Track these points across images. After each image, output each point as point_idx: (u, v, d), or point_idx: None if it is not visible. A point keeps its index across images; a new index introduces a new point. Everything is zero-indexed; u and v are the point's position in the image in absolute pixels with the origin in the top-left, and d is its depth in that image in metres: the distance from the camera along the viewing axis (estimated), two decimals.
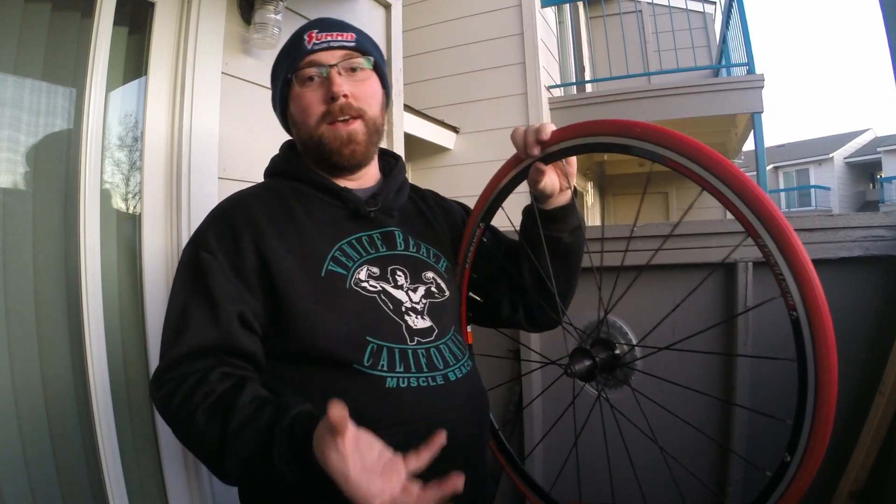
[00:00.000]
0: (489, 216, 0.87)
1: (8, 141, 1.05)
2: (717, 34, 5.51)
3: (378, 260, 0.79)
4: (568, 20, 5.03)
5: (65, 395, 1.09)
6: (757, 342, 1.42)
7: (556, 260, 0.85)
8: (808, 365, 0.55)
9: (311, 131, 0.81)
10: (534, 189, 0.80)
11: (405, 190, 0.92)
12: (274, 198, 0.82)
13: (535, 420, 1.61)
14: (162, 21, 1.27)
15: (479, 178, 3.81)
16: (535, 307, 0.91)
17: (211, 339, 0.70)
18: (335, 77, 0.79)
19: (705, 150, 0.59)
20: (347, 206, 0.81)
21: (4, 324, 1.02)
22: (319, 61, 0.80)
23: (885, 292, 1.35)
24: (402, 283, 0.79)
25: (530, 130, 0.77)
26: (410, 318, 0.76)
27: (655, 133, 0.62)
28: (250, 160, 1.42)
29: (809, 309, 0.54)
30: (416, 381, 0.73)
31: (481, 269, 0.92)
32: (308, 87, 0.80)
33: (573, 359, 0.76)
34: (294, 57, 0.82)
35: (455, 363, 0.78)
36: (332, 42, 0.81)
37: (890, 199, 16.22)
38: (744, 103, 3.52)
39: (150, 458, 1.22)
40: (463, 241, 0.90)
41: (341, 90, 0.78)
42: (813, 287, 0.53)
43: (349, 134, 0.80)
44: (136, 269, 1.23)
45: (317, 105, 0.80)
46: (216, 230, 0.76)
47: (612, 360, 0.77)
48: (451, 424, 0.72)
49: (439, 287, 0.83)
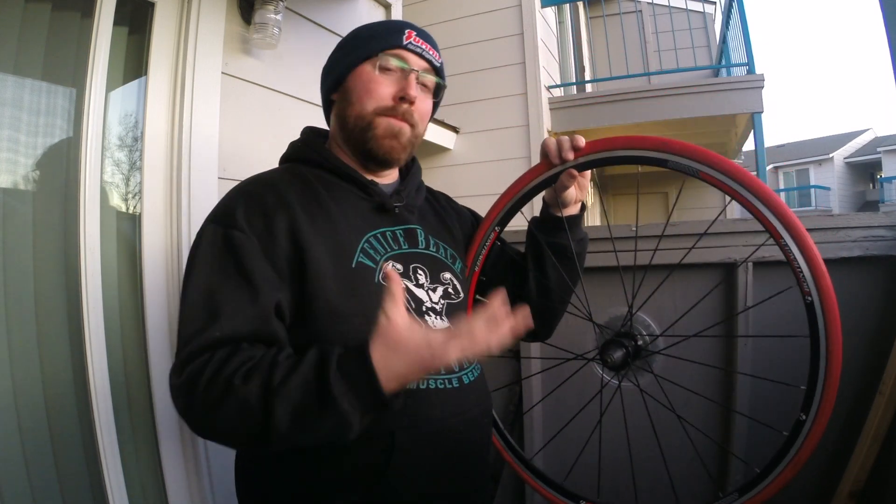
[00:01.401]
0: (506, 220, 0.89)
1: (8, 141, 1.05)
2: (717, 34, 5.51)
3: (401, 256, 0.78)
4: (568, 20, 5.03)
5: (65, 395, 1.09)
6: (756, 340, 1.42)
7: (559, 266, 0.88)
8: (821, 338, 0.69)
9: (365, 113, 0.79)
10: (560, 193, 0.84)
11: (423, 189, 0.92)
12: (300, 182, 0.78)
13: (535, 422, 1.61)
14: (162, 21, 1.27)
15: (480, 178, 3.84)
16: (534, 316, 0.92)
17: (250, 327, 0.64)
18: (413, 81, 0.79)
19: (738, 167, 0.71)
20: (373, 199, 0.80)
21: (4, 324, 1.02)
22: (407, 60, 0.80)
23: (885, 292, 1.35)
24: (423, 282, 0.79)
25: (565, 139, 0.81)
26: (430, 318, 0.76)
27: (692, 150, 0.73)
28: (250, 160, 1.42)
29: (822, 293, 0.68)
30: (435, 383, 0.72)
31: (490, 272, 0.93)
32: (385, 74, 0.79)
33: (606, 351, 0.83)
34: (388, 41, 0.80)
35: (468, 366, 0.78)
36: (425, 52, 0.82)
37: (890, 199, 16.22)
38: (744, 103, 3.51)
39: (150, 458, 1.22)
40: (473, 244, 0.91)
41: (414, 95, 0.78)
42: (825, 276, 0.68)
43: (400, 129, 0.79)
44: (136, 268, 1.23)
45: (386, 95, 0.78)
46: (246, 209, 0.70)
47: (640, 350, 0.87)
48: (462, 427, 0.73)
49: (455, 288, 0.83)
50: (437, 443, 0.71)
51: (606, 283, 1.31)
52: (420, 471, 0.70)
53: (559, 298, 0.91)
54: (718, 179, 0.72)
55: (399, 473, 0.68)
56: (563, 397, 1.12)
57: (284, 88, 1.51)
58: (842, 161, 18.57)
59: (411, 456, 0.68)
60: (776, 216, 0.69)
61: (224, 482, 1.27)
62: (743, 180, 0.70)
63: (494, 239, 0.89)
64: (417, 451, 0.69)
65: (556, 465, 0.93)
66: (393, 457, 0.67)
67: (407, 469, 0.68)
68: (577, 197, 0.87)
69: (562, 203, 0.87)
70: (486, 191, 3.55)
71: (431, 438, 0.70)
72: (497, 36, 3.77)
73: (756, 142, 3.56)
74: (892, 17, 1.41)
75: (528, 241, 0.93)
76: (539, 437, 1.61)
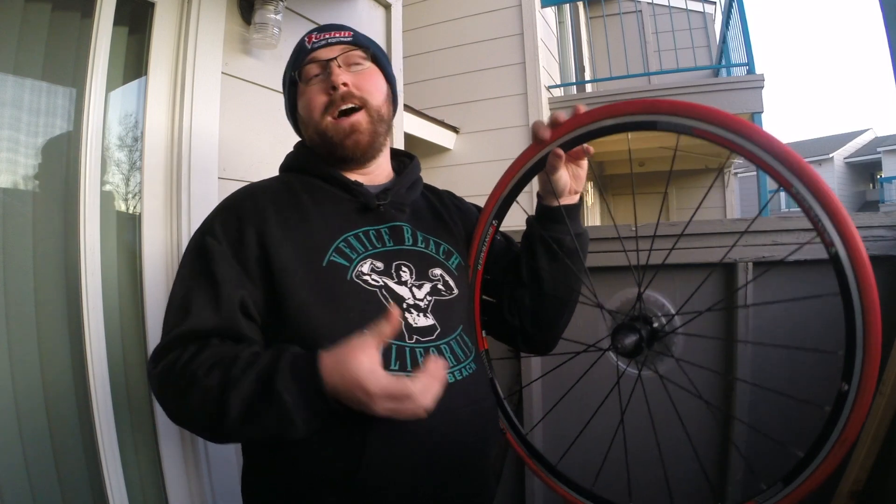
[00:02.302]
0: (502, 213, 0.85)
1: (8, 141, 1.05)
2: (717, 34, 5.51)
3: (383, 254, 0.78)
4: (568, 20, 5.03)
5: (65, 394, 1.09)
6: (756, 337, 1.42)
7: (555, 262, 0.84)
8: (853, 293, 0.60)
9: (317, 125, 0.83)
10: (552, 178, 0.80)
11: (418, 187, 0.92)
12: (284, 189, 0.83)
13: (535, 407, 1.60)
14: (162, 21, 1.27)
15: (480, 178, 3.84)
16: (529, 323, 0.89)
17: (213, 321, 0.70)
18: (335, 68, 0.82)
19: (732, 117, 0.64)
20: (357, 200, 0.82)
21: (4, 324, 1.02)
22: (319, 57, 0.84)
23: (885, 292, 1.34)
24: (407, 279, 0.78)
25: (550, 118, 0.78)
26: (411, 315, 0.75)
27: (682, 106, 0.67)
28: (250, 160, 1.42)
29: (846, 240, 0.60)
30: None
31: (493, 269, 0.89)
32: (311, 84, 0.84)
33: (617, 337, 0.75)
34: (297, 59, 0.86)
35: (456, 364, 0.75)
36: (329, 39, 0.85)
37: (890, 199, 16.22)
38: (744, 103, 3.51)
39: (151, 458, 1.22)
40: (474, 241, 0.87)
41: (340, 79, 0.81)
42: (846, 222, 0.59)
43: (351, 125, 0.82)
44: (136, 268, 1.23)
45: (320, 97, 0.83)
46: (223, 219, 0.78)
47: (656, 332, 0.78)
48: (445, 428, 0.70)
49: (447, 284, 0.81)
50: (417, 442, 0.69)
51: (612, 280, 1.29)
52: (398, 470, 0.68)
53: (554, 292, 0.86)
54: (714, 133, 0.65)
55: (374, 472, 0.67)
56: (577, 394, 1.04)
57: None
58: (842, 161, 18.57)
59: (385, 455, 0.67)
60: (781, 162, 0.61)
61: (224, 482, 1.27)
62: (740, 130, 0.64)
63: (493, 233, 0.86)
64: (392, 449, 0.68)
65: (576, 469, 0.85)
66: (364, 455, 0.67)
67: (382, 468, 0.67)
68: (571, 186, 0.83)
69: (557, 192, 0.82)
70: (487, 191, 3.51)
71: (409, 437, 0.68)
72: (497, 36, 3.77)
73: None
74: (892, 17, 1.41)
75: (523, 235, 0.89)
76: (549, 436, 1.61)
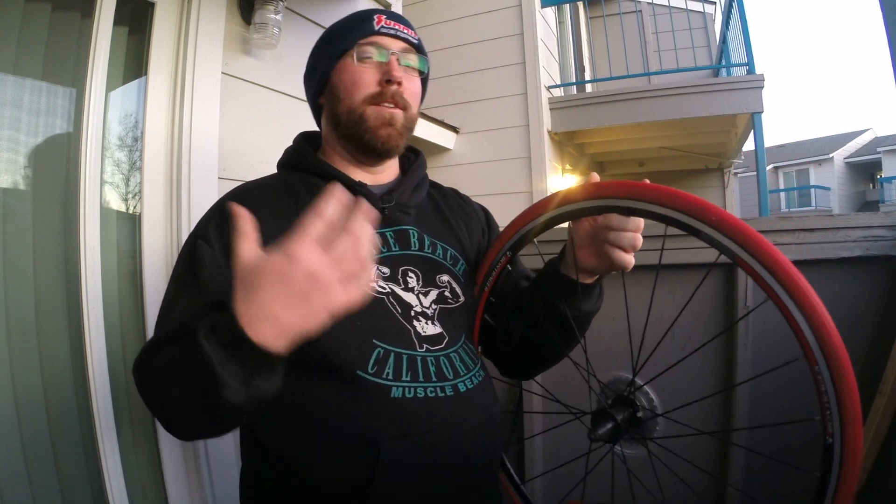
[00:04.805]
0: (519, 246, 0.80)
1: (8, 141, 1.05)
2: (717, 34, 5.50)
3: (389, 260, 0.76)
4: (568, 20, 5.03)
5: (65, 395, 1.09)
6: (756, 343, 1.42)
7: (552, 327, 0.79)
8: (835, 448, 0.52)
9: (355, 107, 0.78)
10: (577, 243, 0.74)
11: (424, 186, 0.88)
12: (282, 190, 0.79)
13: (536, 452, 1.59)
14: (162, 21, 1.27)
15: (480, 178, 3.83)
16: (512, 357, 0.87)
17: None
18: (395, 63, 0.77)
19: (783, 260, 0.55)
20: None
21: (4, 324, 1.02)
22: (383, 45, 0.78)
23: (885, 292, 1.35)
24: (413, 285, 0.76)
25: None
26: (420, 323, 0.73)
27: (730, 226, 0.56)
28: (250, 160, 1.42)
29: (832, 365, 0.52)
30: (424, 391, 0.68)
31: (498, 293, 0.86)
32: (366, 64, 0.78)
33: (596, 422, 0.71)
34: (360, 31, 0.79)
35: (466, 373, 0.74)
36: (399, 32, 0.80)
37: (890, 199, 16.21)
38: (744, 103, 3.51)
39: (150, 458, 1.22)
40: (485, 262, 0.84)
41: (399, 76, 0.77)
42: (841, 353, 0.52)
43: (392, 116, 0.77)
44: (136, 269, 1.23)
45: (370, 83, 0.77)
46: (217, 221, 0.74)
47: (634, 421, 0.71)
48: (458, 438, 0.69)
49: (454, 292, 0.79)
50: (431, 455, 0.67)
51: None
52: (411, 485, 0.66)
53: (541, 349, 0.82)
54: (754, 270, 0.56)
55: (387, 488, 0.64)
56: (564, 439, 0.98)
57: (284, 88, 1.51)
58: (842, 161, 18.56)
59: (400, 469, 0.65)
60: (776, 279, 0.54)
61: (224, 482, 1.27)
62: (781, 276, 0.54)
63: (505, 264, 0.81)
64: (407, 463, 0.65)
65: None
66: (379, 470, 0.64)
67: (396, 484, 0.65)
68: (596, 268, 0.75)
69: (577, 262, 0.74)
70: (487, 191, 3.55)
71: (423, 450, 0.66)
72: (497, 36, 3.76)
73: (756, 142, 3.56)
74: (892, 17, 1.41)
75: (537, 275, 0.83)
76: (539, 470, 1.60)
